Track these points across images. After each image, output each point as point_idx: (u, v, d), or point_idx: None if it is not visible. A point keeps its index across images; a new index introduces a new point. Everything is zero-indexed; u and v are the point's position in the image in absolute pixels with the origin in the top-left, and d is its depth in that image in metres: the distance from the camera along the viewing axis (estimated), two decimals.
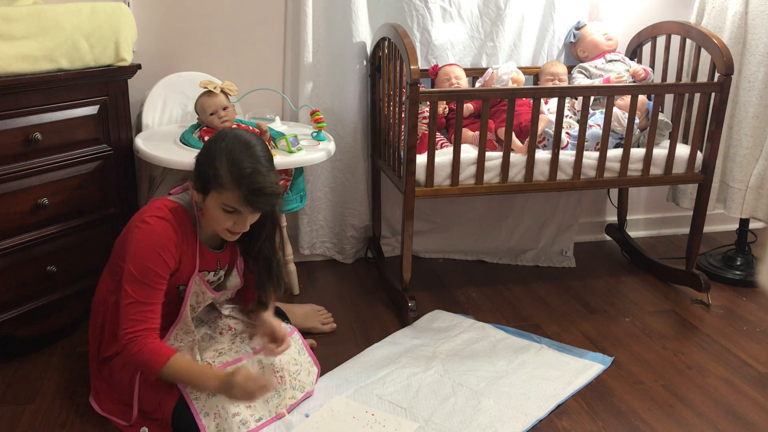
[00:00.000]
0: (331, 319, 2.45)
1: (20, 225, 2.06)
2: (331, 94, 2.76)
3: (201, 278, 1.89)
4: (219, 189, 1.73)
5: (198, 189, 1.77)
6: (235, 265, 2.00)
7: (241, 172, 1.70)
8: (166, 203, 1.82)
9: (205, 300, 1.95)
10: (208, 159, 1.75)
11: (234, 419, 1.80)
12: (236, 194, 1.72)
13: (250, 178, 1.71)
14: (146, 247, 1.74)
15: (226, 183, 1.71)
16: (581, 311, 2.62)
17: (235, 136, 1.78)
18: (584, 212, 3.21)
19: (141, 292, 1.74)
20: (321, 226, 2.92)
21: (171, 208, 1.80)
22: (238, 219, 1.77)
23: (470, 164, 2.40)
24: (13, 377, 2.11)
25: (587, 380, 2.15)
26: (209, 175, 1.73)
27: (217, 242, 1.93)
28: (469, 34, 2.81)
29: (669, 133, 2.59)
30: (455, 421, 1.92)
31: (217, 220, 1.78)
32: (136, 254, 1.75)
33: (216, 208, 1.75)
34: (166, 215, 1.78)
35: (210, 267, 1.92)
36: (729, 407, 2.05)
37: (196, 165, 1.79)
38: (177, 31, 2.65)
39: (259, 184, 1.71)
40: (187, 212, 1.83)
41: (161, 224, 1.76)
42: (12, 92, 1.97)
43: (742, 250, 2.94)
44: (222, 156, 1.72)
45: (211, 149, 1.76)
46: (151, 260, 1.74)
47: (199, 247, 1.85)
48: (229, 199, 1.73)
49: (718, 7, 2.73)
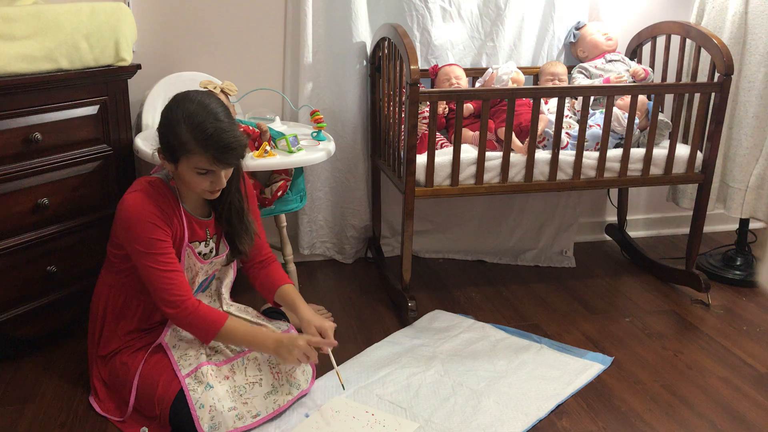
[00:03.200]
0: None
1: (20, 225, 2.06)
2: (331, 94, 2.76)
3: (192, 249, 1.91)
4: (187, 155, 1.75)
5: (168, 159, 1.80)
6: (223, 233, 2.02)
7: (204, 133, 1.73)
8: (142, 180, 1.86)
9: (196, 273, 1.96)
10: (168, 128, 1.77)
11: (229, 414, 1.80)
12: (205, 156, 1.74)
13: (215, 137, 1.73)
14: (135, 221, 1.77)
15: (192, 148, 1.74)
16: (581, 311, 2.62)
17: (188, 98, 1.79)
18: (584, 212, 3.21)
19: (157, 263, 1.78)
20: (321, 226, 2.92)
21: (148, 182, 1.84)
22: (213, 178, 1.80)
23: (470, 164, 2.40)
24: (13, 377, 2.11)
25: (587, 380, 2.15)
26: (174, 143, 1.76)
27: (204, 210, 1.96)
28: (469, 34, 2.81)
29: (669, 133, 2.60)
30: (455, 421, 1.93)
31: (194, 184, 1.81)
32: (130, 233, 1.78)
33: (189, 172, 1.78)
34: (144, 188, 1.82)
35: (200, 237, 1.94)
36: (729, 407, 2.05)
37: (160, 136, 1.81)
38: (177, 31, 2.65)
39: (225, 140, 1.74)
40: (166, 185, 1.86)
41: (137, 196, 1.80)
42: (12, 92, 1.97)
43: (742, 250, 2.94)
44: (181, 121, 1.74)
45: (168, 117, 1.78)
46: (145, 230, 1.77)
47: (186, 218, 1.88)
48: (199, 162, 1.75)
49: (718, 7, 2.73)
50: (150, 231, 1.78)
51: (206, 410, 1.78)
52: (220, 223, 2.01)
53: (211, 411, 1.78)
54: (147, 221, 1.77)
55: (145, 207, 1.78)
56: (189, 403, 1.78)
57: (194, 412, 1.77)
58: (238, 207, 1.98)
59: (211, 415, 1.78)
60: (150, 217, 1.78)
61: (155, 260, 1.79)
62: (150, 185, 1.83)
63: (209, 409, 1.78)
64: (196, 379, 1.82)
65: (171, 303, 1.80)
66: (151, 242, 1.78)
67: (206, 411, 1.78)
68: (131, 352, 1.92)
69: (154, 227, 1.78)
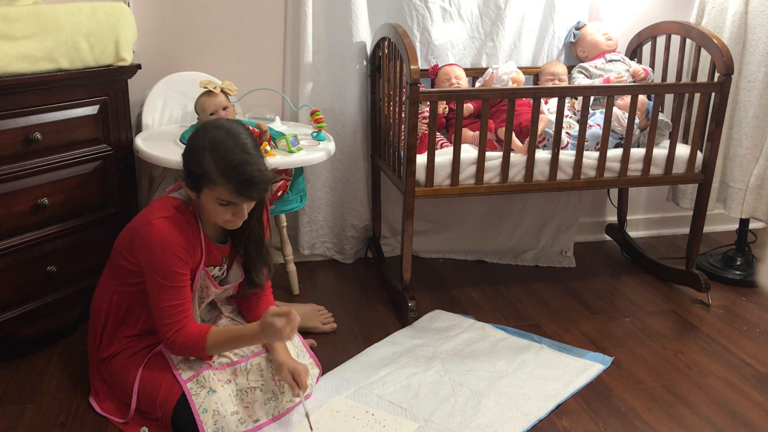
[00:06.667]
0: (332, 319, 2.45)
1: (20, 225, 2.06)
2: (331, 94, 2.76)
3: (207, 273, 1.89)
4: (210, 185, 1.71)
5: (190, 187, 1.77)
6: (235, 259, 2.00)
7: (228, 165, 1.68)
8: (167, 201, 1.82)
9: (208, 295, 1.95)
10: (193, 156, 1.73)
11: (232, 418, 1.80)
12: (227, 188, 1.71)
13: (240, 170, 1.69)
14: (161, 252, 1.74)
15: (215, 178, 1.70)
16: (581, 311, 2.61)
17: (216, 126, 1.75)
18: (584, 212, 3.21)
19: (171, 295, 1.76)
20: (321, 226, 2.92)
21: (174, 206, 1.81)
22: (235, 210, 1.77)
23: (470, 164, 2.40)
24: (13, 377, 2.11)
25: (587, 380, 2.15)
26: (197, 172, 1.72)
27: (221, 236, 1.94)
28: (469, 34, 2.81)
29: (669, 133, 2.59)
30: (455, 421, 1.92)
31: (215, 214, 1.78)
32: (153, 261, 1.75)
33: (212, 203, 1.75)
34: (169, 214, 1.78)
35: (216, 261, 1.92)
36: (729, 407, 2.05)
37: (184, 164, 1.77)
38: (177, 31, 2.65)
39: (249, 173, 1.69)
40: (189, 207, 1.83)
41: (166, 224, 1.76)
42: (12, 92, 1.97)
43: (742, 250, 2.94)
44: (206, 151, 1.70)
45: (194, 145, 1.74)
46: (169, 263, 1.74)
47: (205, 242, 1.86)
48: (222, 194, 1.72)
49: (718, 7, 2.73)
50: (175, 265, 1.75)
51: (209, 415, 1.78)
52: (237, 252, 1.98)
53: (214, 415, 1.78)
54: (173, 254, 1.74)
55: (174, 239, 1.75)
56: (192, 408, 1.78)
57: (197, 417, 1.77)
58: (257, 238, 1.94)
59: (215, 420, 1.78)
60: (177, 249, 1.75)
61: (169, 292, 1.76)
62: (177, 211, 1.79)
63: (212, 414, 1.78)
64: (199, 383, 1.82)
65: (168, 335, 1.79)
66: (173, 276, 1.75)
67: (209, 416, 1.78)
68: (132, 354, 1.91)
69: (179, 261, 1.76)
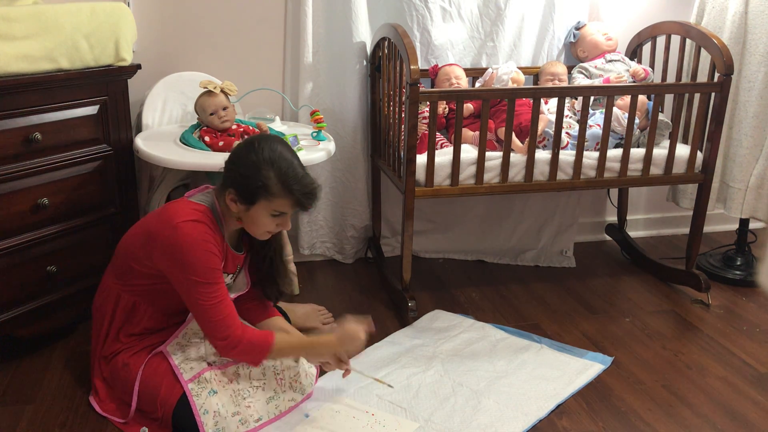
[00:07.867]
0: (332, 319, 2.45)
1: (20, 225, 2.06)
2: (331, 94, 2.76)
3: None
4: (269, 197, 1.77)
5: (241, 201, 1.79)
6: (244, 268, 2.02)
7: (292, 179, 1.77)
8: (190, 205, 1.83)
9: None
10: (252, 170, 1.77)
11: (233, 418, 1.80)
12: (288, 200, 1.79)
13: (300, 183, 1.78)
14: (197, 251, 1.75)
15: (277, 191, 1.77)
16: (581, 311, 2.62)
17: (270, 142, 1.81)
18: (584, 212, 3.21)
19: (212, 293, 1.78)
20: (321, 226, 2.92)
21: (202, 211, 1.82)
22: (281, 221, 1.84)
23: (470, 164, 2.40)
24: (13, 377, 2.11)
25: (587, 380, 2.15)
26: (257, 186, 1.76)
27: (238, 245, 1.97)
28: (469, 34, 2.81)
29: (669, 133, 2.59)
30: (455, 421, 1.93)
31: (262, 225, 1.83)
32: (190, 262, 1.75)
33: (264, 215, 1.81)
34: (200, 217, 1.79)
35: (231, 269, 1.95)
36: (729, 407, 2.05)
37: (240, 178, 1.79)
38: (177, 31, 2.65)
39: (309, 187, 1.80)
40: (213, 214, 1.85)
41: (200, 227, 1.78)
42: (12, 92, 1.97)
43: (742, 250, 2.94)
44: (267, 165, 1.76)
45: (252, 160, 1.78)
46: (206, 260, 1.76)
47: (226, 250, 1.88)
48: (280, 205, 1.79)
49: (718, 7, 2.73)
50: (211, 261, 1.77)
51: (210, 416, 1.78)
52: (258, 263, 2.03)
53: (215, 416, 1.79)
54: (209, 252, 1.77)
55: (207, 236, 1.77)
56: (192, 408, 1.78)
57: (198, 418, 1.78)
58: (272, 255, 2.02)
59: (215, 420, 1.79)
60: (212, 247, 1.78)
61: (207, 292, 1.76)
62: (204, 215, 1.81)
63: (213, 415, 1.79)
64: (200, 384, 1.82)
65: (221, 339, 1.79)
66: (211, 273, 1.77)
67: (210, 417, 1.78)
68: (133, 353, 1.91)
69: (214, 257, 1.78)
